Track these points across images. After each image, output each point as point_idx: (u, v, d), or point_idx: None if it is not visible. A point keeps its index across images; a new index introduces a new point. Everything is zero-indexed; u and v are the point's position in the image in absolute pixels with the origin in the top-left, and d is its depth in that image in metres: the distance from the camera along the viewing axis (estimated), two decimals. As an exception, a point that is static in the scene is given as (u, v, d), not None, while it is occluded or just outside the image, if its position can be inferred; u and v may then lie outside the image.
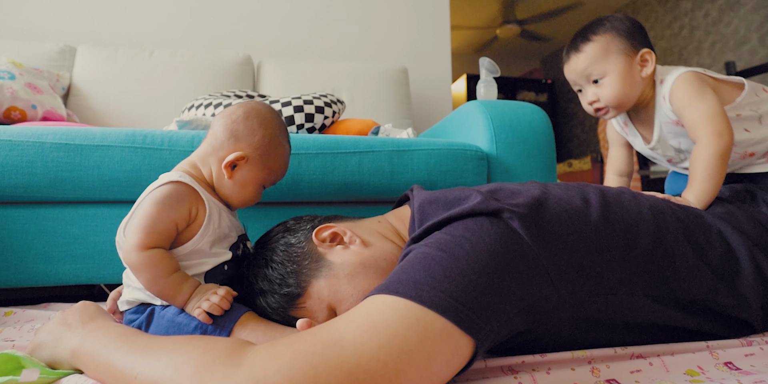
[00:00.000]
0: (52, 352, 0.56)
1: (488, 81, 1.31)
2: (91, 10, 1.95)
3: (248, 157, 0.68)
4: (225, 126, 0.69)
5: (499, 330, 0.47)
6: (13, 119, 1.34)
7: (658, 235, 0.59)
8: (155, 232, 0.59)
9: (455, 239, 0.51)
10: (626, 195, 0.64)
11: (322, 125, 1.37)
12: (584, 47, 0.84)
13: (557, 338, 0.56)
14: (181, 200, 0.62)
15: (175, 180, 0.63)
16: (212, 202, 0.66)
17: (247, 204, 0.72)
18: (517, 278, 0.49)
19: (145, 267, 0.58)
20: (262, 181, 0.71)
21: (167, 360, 0.44)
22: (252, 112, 0.70)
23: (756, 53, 3.11)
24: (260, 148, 0.69)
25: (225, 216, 0.68)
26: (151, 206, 0.60)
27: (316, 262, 0.63)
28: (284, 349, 0.42)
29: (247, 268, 0.67)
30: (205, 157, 0.69)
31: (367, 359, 0.40)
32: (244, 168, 0.68)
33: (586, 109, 0.89)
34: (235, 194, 0.69)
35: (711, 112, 0.76)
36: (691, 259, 0.59)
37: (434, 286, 0.45)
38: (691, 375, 0.51)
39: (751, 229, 0.65)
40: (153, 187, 0.63)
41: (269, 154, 0.70)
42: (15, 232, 0.91)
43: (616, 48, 0.83)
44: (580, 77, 0.87)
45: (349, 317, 0.45)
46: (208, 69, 1.81)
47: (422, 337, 0.42)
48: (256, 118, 0.70)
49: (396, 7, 2.29)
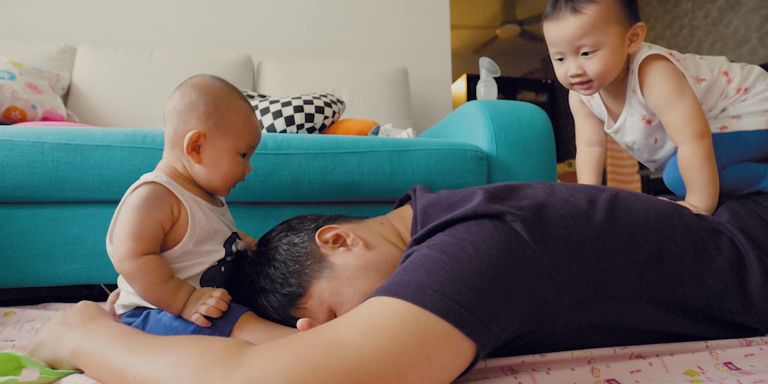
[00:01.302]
0: (52, 352, 0.56)
1: (488, 81, 1.31)
2: (91, 10, 1.95)
3: (204, 133, 0.63)
4: (171, 114, 0.65)
5: (501, 333, 0.47)
6: (13, 119, 1.34)
7: (662, 241, 0.58)
8: (143, 237, 0.58)
9: (458, 242, 0.51)
10: (635, 198, 0.63)
11: (322, 125, 1.37)
12: (585, 8, 0.70)
13: (558, 341, 0.55)
14: (161, 200, 0.60)
15: (151, 180, 0.61)
16: (191, 199, 0.63)
17: (232, 180, 0.67)
18: (520, 282, 0.48)
19: (139, 275, 0.57)
20: (233, 150, 0.65)
21: (166, 360, 0.44)
22: (186, 88, 0.65)
23: (756, 53, 3.11)
24: (210, 117, 0.63)
25: (209, 212, 0.65)
26: (132, 211, 0.58)
27: (319, 263, 0.63)
28: (284, 350, 0.42)
29: (249, 266, 0.67)
30: (172, 153, 0.66)
31: (367, 362, 0.40)
32: (207, 146, 0.63)
33: (561, 80, 0.79)
34: (213, 176, 0.65)
35: (692, 113, 0.73)
36: (696, 265, 0.58)
37: (436, 289, 0.45)
38: (691, 375, 0.51)
39: (759, 232, 0.65)
40: (132, 189, 0.61)
41: (223, 119, 0.64)
42: (15, 232, 0.91)
43: (616, 17, 0.72)
44: (567, 44, 0.73)
45: (350, 319, 0.45)
46: (208, 69, 1.81)
47: (423, 341, 0.42)
48: (192, 91, 0.64)
49: (396, 7, 2.29)
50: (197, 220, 0.62)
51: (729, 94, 0.81)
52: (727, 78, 0.81)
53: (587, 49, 0.73)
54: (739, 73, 0.81)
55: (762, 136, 0.79)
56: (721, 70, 0.81)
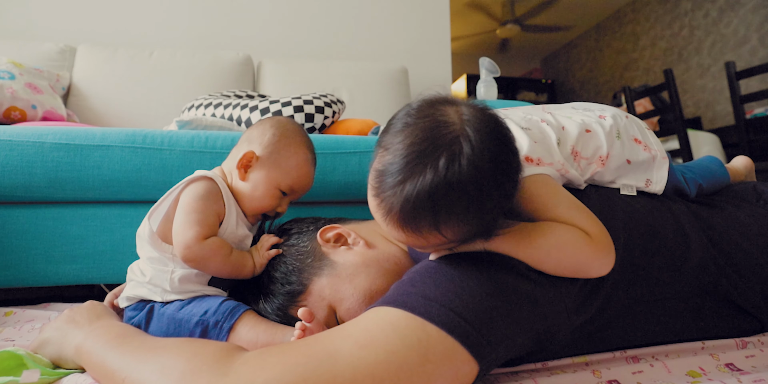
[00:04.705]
0: (58, 349, 0.57)
1: (488, 81, 1.31)
2: (91, 10, 1.95)
3: (258, 156, 0.69)
4: (245, 135, 0.73)
5: (505, 356, 0.45)
6: (13, 119, 1.34)
7: (653, 235, 0.58)
8: (207, 223, 0.62)
9: (469, 256, 0.49)
10: (615, 197, 0.63)
11: (322, 125, 1.37)
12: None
13: (556, 355, 0.55)
14: (218, 195, 0.65)
15: (209, 176, 0.66)
16: (233, 205, 0.67)
17: (261, 210, 0.70)
18: (531, 306, 0.46)
19: (211, 254, 0.61)
20: (275, 183, 0.69)
21: (154, 364, 0.44)
22: (267, 120, 0.73)
23: (756, 53, 3.11)
24: (270, 146, 0.69)
25: (242, 224, 0.68)
26: (196, 201, 0.63)
27: (319, 261, 0.63)
28: (274, 359, 0.41)
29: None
30: (228, 165, 0.72)
31: (362, 375, 0.39)
32: (255, 168, 0.69)
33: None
34: (247, 197, 0.68)
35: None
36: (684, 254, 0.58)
37: (444, 303, 0.43)
38: (693, 376, 0.51)
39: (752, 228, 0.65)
40: (189, 180, 0.65)
41: (279, 152, 0.69)
42: (15, 232, 0.91)
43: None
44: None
45: (347, 330, 0.44)
46: (208, 69, 1.81)
47: (423, 358, 0.40)
48: (269, 121, 0.73)
49: (396, 7, 2.29)
50: (229, 224, 0.66)
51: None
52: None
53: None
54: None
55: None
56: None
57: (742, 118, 2.04)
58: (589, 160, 0.64)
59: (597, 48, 4.80)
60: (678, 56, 3.74)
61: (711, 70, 3.45)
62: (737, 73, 2.03)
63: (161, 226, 0.64)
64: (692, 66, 3.61)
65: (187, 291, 0.63)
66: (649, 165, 0.67)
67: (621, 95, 3.21)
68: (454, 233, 0.44)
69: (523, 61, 5.75)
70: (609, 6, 4.40)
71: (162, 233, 0.64)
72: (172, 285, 0.63)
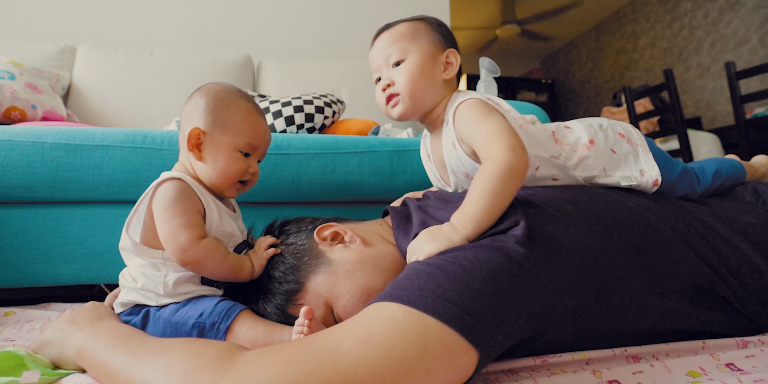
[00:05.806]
0: (59, 350, 0.57)
1: (488, 81, 1.31)
2: (91, 10, 1.95)
3: (203, 129, 0.64)
4: (181, 117, 0.68)
5: (503, 343, 0.46)
6: (13, 119, 1.34)
7: (648, 228, 0.59)
8: (196, 224, 0.60)
9: (458, 250, 0.51)
10: (605, 193, 0.64)
11: (322, 125, 1.37)
12: (394, 26, 0.75)
13: (558, 349, 0.55)
14: (190, 192, 0.63)
15: (175, 177, 0.63)
16: (210, 198, 0.65)
17: (233, 178, 0.66)
18: (522, 288, 0.47)
19: (207, 256, 0.60)
20: (233, 147, 0.65)
21: (157, 363, 0.44)
22: (194, 92, 0.68)
23: (756, 53, 3.11)
24: (209, 114, 0.65)
25: (225, 216, 0.67)
26: (173, 205, 0.60)
27: (316, 258, 0.63)
28: (276, 357, 0.41)
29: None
30: (182, 155, 0.68)
31: (363, 371, 0.39)
32: (207, 142, 0.65)
33: (378, 101, 0.75)
34: (213, 173, 0.65)
35: (501, 129, 0.63)
36: (686, 252, 0.59)
37: (438, 294, 0.44)
38: (693, 376, 0.51)
39: (749, 224, 0.65)
40: (155, 185, 0.63)
41: (221, 115, 0.65)
42: (15, 232, 0.91)
43: (425, 36, 0.74)
44: (381, 57, 0.74)
45: (347, 326, 0.44)
46: (208, 69, 1.81)
47: (422, 352, 0.41)
48: (196, 93, 0.68)
49: (396, 7, 2.29)
50: (213, 219, 0.64)
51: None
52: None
53: (395, 58, 0.72)
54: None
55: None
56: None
57: (742, 118, 2.04)
58: (573, 147, 0.72)
59: (597, 48, 4.80)
60: (678, 56, 3.74)
61: (711, 70, 3.45)
62: (737, 73, 2.03)
63: (143, 235, 0.62)
64: (692, 66, 3.61)
65: (182, 293, 0.62)
66: (634, 156, 0.74)
67: (621, 95, 3.21)
68: None
69: (523, 61, 5.75)
70: (609, 6, 4.41)
71: (146, 241, 0.62)
72: (166, 289, 0.61)
